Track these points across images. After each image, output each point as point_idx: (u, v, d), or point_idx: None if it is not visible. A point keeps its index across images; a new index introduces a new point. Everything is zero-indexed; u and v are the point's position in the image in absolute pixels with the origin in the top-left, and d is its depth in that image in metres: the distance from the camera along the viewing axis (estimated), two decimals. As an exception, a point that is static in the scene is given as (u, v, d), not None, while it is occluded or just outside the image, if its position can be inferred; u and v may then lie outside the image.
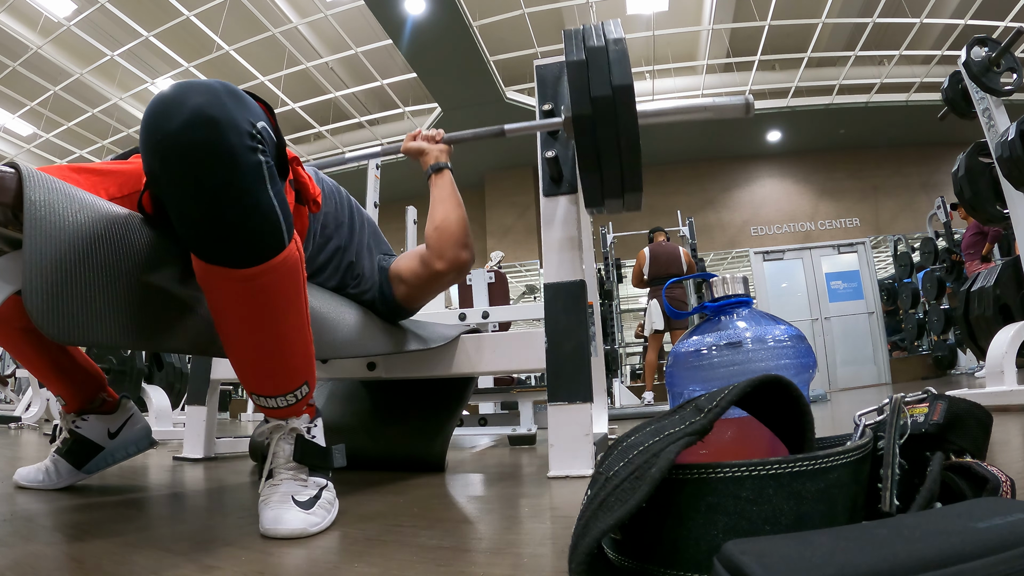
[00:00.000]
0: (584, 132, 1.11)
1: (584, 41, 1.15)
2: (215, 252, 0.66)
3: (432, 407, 1.51)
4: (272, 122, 0.75)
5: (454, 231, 1.22)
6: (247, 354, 0.76)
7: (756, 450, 0.55)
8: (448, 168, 1.33)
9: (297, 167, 0.99)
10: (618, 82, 1.08)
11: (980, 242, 4.58)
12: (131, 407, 1.23)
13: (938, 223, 6.46)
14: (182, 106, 0.60)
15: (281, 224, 0.68)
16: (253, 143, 0.64)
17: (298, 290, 0.75)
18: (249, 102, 0.67)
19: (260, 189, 0.65)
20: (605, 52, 1.11)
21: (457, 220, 1.23)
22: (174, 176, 0.62)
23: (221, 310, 0.72)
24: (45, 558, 0.64)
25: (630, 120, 1.09)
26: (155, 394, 2.81)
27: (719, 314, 0.64)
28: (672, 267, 4.88)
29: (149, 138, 0.61)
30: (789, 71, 7.55)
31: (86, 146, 8.45)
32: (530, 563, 0.58)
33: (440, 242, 1.21)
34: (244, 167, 0.62)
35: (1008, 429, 1.43)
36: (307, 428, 0.82)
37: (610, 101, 1.08)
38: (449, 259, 1.21)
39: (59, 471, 1.13)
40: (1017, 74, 2.32)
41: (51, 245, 0.58)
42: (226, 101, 0.62)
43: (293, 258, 0.72)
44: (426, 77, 6.61)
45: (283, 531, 0.70)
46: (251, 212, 0.64)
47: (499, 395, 2.63)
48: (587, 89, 1.09)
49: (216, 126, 0.60)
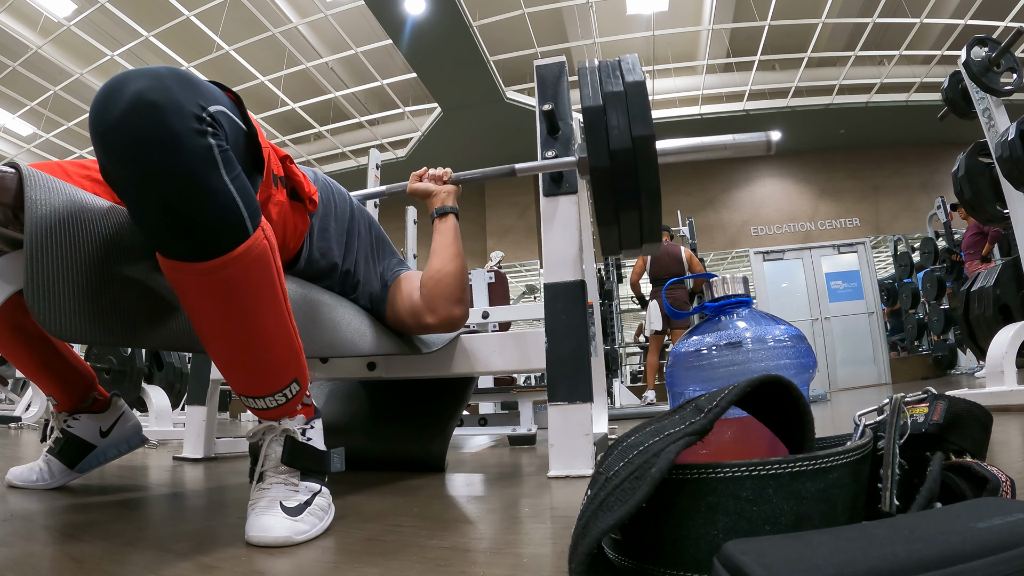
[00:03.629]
0: (602, 185, 1.04)
1: (601, 84, 1.06)
2: (172, 246, 0.63)
3: (432, 407, 1.51)
4: (241, 111, 0.73)
5: (448, 285, 1.19)
6: (225, 352, 0.73)
7: (756, 450, 0.55)
8: (454, 213, 1.30)
9: (290, 165, 0.98)
10: (639, 132, 1.00)
11: (980, 242, 4.58)
12: (122, 405, 1.23)
13: (938, 223, 6.46)
14: (122, 93, 0.57)
15: (241, 212, 0.64)
16: (201, 126, 0.60)
17: (271, 282, 0.71)
18: (203, 86, 0.64)
19: (211, 174, 0.61)
20: (624, 97, 1.02)
21: (453, 273, 1.21)
22: (120, 166, 0.59)
23: (191, 308, 0.69)
24: (45, 558, 0.64)
25: (651, 172, 1.01)
26: (155, 394, 2.81)
27: (719, 314, 0.64)
28: (673, 268, 4.90)
29: (93, 130, 0.59)
30: (789, 71, 7.55)
31: (86, 146, 8.44)
32: (530, 563, 0.58)
33: (433, 295, 1.19)
34: (190, 150, 0.59)
35: (1008, 429, 1.43)
36: (302, 430, 0.79)
37: (630, 152, 1.00)
38: (441, 316, 1.19)
39: (52, 471, 1.13)
40: (1017, 74, 2.32)
41: (52, 244, 0.58)
42: (170, 84, 0.59)
43: (260, 247, 0.68)
44: (426, 77, 6.61)
45: (267, 539, 0.68)
46: (202, 199, 0.61)
47: (499, 395, 2.63)
48: (605, 141, 1.01)
49: (156, 110, 0.57)
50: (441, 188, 1.33)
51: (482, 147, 7.65)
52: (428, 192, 1.33)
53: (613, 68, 1.09)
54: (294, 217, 1.01)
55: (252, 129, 0.76)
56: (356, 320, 1.13)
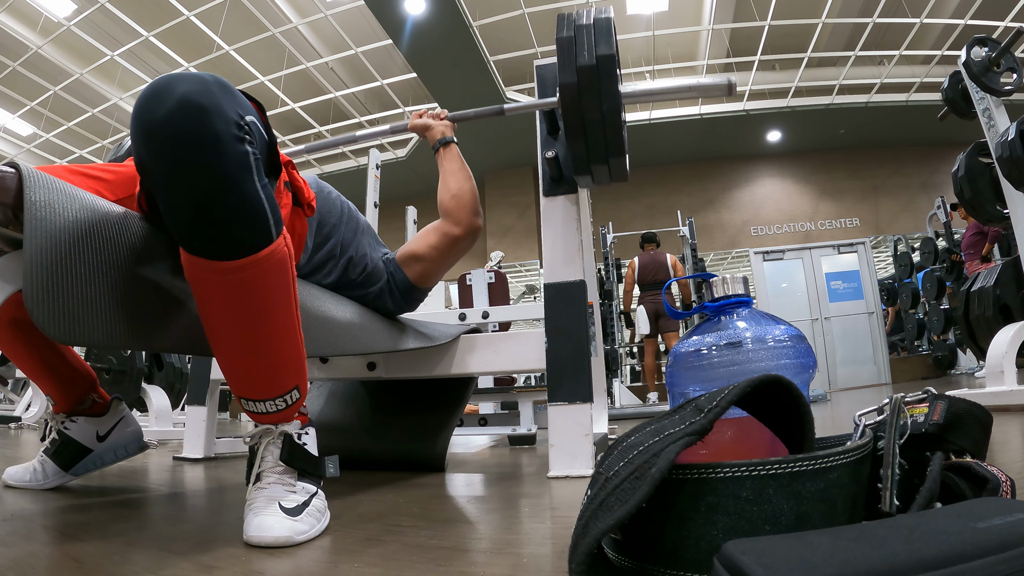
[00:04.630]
0: (570, 99, 1.18)
1: (574, 21, 1.23)
2: (201, 242, 0.65)
3: (432, 407, 1.51)
4: (264, 120, 0.75)
5: (468, 200, 1.34)
6: (233, 353, 0.74)
7: (756, 450, 0.55)
8: (454, 142, 1.41)
9: (292, 170, 0.99)
10: (602, 52, 1.16)
11: (980, 242, 4.58)
12: (123, 409, 1.21)
13: (938, 223, 6.46)
14: (170, 94, 0.60)
15: (268, 217, 0.68)
16: (240, 133, 0.64)
17: (286, 289, 0.73)
18: (238, 96, 0.67)
19: (246, 178, 0.64)
20: (592, 28, 1.19)
21: (470, 190, 1.35)
22: (161, 163, 0.62)
23: (205, 306, 0.71)
24: (45, 558, 0.64)
25: (612, 87, 1.16)
26: (155, 394, 2.81)
27: (719, 314, 0.63)
28: (660, 275, 5.32)
29: (138, 126, 0.61)
30: (789, 71, 7.55)
31: (86, 146, 8.45)
32: (530, 563, 0.58)
33: (457, 210, 1.32)
34: (230, 154, 0.62)
35: (1008, 429, 1.43)
36: (297, 435, 0.79)
37: (593, 70, 1.16)
38: (466, 225, 1.32)
39: (46, 472, 1.12)
40: (1017, 74, 2.31)
41: (52, 245, 0.58)
42: (214, 91, 0.62)
43: (281, 253, 0.71)
44: (426, 77, 6.61)
45: (267, 539, 0.67)
46: (236, 200, 0.64)
47: (499, 395, 2.63)
48: (573, 60, 1.17)
49: (203, 113, 0.60)
50: (439, 123, 1.45)
51: (482, 147, 7.65)
52: (428, 126, 1.45)
53: (587, 12, 1.25)
54: (294, 221, 1.02)
55: (273, 138, 0.78)
56: (357, 317, 1.13)
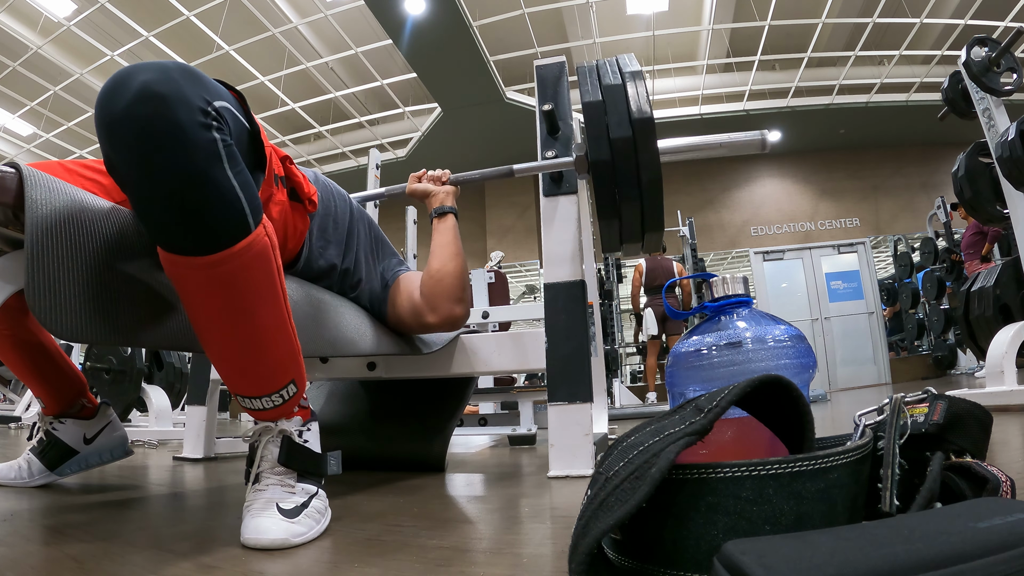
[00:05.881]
0: (603, 177, 1.05)
1: (600, 80, 1.08)
2: (174, 239, 0.63)
3: (432, 407, 1.51)
4: (244, 109, 0.72)
5: (448, 284, 1.19)
6: (222, 350, 0.72)
7: (756, 450, 0.55)
8: (453, 213, 1.30)
9: (290, 165, 0.98)
10: (638, 116, 1.02)
11: (980, 242, 4.58)
12: (110, 415, 1.24)
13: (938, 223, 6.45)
14: (129, 85, 0.58)
15: (243, 207, 0.64)
16: (206, 120, 0.60)
17: (271, 280, 0.70)
18: (206, 81, 0.64)
19: (214, 167, 0.61)
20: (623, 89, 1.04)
21: (453, 272, 1.20)
22: (124, 156, 0.59)
23: (190, 304, 0.68)
24: (45, 558, 0.64)
25: (651, 154, 1.02)
26: (155, 394, 2.81)
27: (719, 314, 0.64)
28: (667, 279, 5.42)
29: (99, 120, 0.59)
30: (789, 71, 7.55)
31: (86, 146, 8.44)
32: (530, 563, 0.58)
33: (433, 294, 1.18)
34: (195, 143, 0.59)
35: (1008, 429, 1.43)
36: (298, 431, 0.78)
37: (630, 140, 1.02)
38: (442, 314, 1.18)
39: (31, 469, 1.15)
40: (1017, 74, 2.31)
41: (53, 244, 0.58)
42: (176, 77, 0.59)
43: (261, 244, 0.68)
44: (426, 77, 6.61)
45: (264, 541, 0.66)
46: (206, 191, 0.61)
47: (499, 395, 2.63)
48: (605, 132, 1.02)
49: (163, 102, 0.57)
50: (440, 188, 1.34)
51: (482, 147, 7.64)
52: (427, 192, 1.34)
53: (611, 65, 1.12)
54: (294, 217, 1.01)
55: (255, 127, 0.76)
56: (356, 320, 1.13)
